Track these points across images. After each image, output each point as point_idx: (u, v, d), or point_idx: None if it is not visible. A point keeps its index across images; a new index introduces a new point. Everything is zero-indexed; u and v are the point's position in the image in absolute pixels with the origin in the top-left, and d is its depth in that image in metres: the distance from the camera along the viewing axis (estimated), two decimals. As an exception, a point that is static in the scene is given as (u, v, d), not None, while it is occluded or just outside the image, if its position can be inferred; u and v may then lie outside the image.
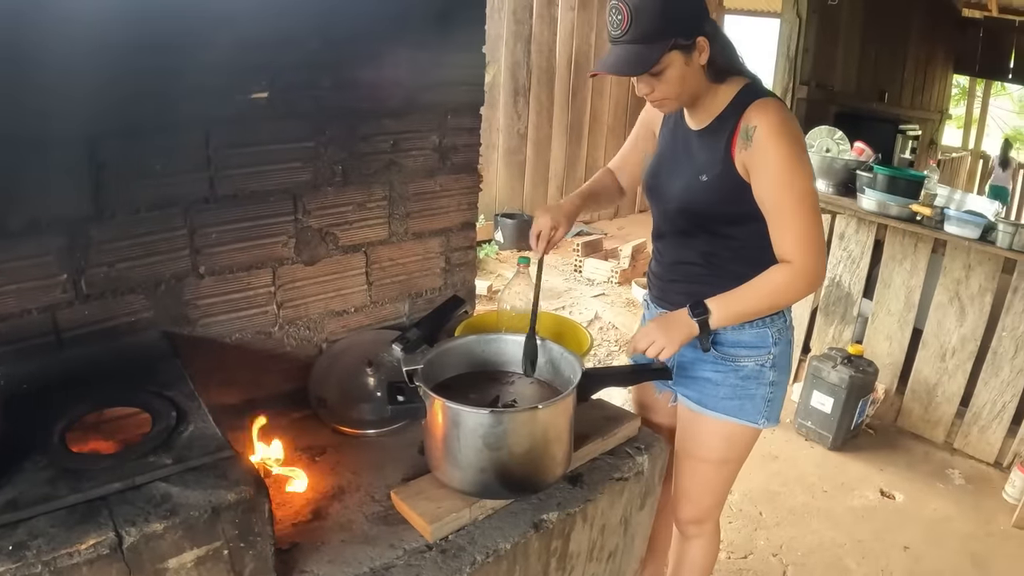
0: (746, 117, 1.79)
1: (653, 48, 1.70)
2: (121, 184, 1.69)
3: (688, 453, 2.16)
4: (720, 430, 2.07)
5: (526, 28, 7.47)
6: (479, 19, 2.26)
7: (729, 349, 2.00)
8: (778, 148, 1.75)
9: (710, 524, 2.29)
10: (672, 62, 1.73)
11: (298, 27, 1.87)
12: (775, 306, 1.90)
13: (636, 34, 1.68)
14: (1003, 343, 3.94)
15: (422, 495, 1.65)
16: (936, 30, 8.48)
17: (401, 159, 2.17)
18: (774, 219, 1.81)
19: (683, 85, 1.78)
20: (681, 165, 1.94)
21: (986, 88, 12.77)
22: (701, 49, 1.76)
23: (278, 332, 2.08)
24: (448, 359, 1.85)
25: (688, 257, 2.00)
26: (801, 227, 1.79)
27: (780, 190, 1.77)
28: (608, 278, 6.57)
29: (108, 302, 1.75)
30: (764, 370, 2.01)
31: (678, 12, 1.70)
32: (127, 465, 1.35)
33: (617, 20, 1.70)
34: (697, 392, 2.06)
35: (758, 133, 1.75)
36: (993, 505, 3.73)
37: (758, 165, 1.77)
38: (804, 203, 1.79)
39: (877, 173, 4.28)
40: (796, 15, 4.76)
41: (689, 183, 1.90)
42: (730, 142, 1.82)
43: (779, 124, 1.76)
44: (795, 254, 1.80)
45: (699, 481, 2.19)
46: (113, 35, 1.56)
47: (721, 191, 1.85)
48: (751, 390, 2.02)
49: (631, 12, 1.67)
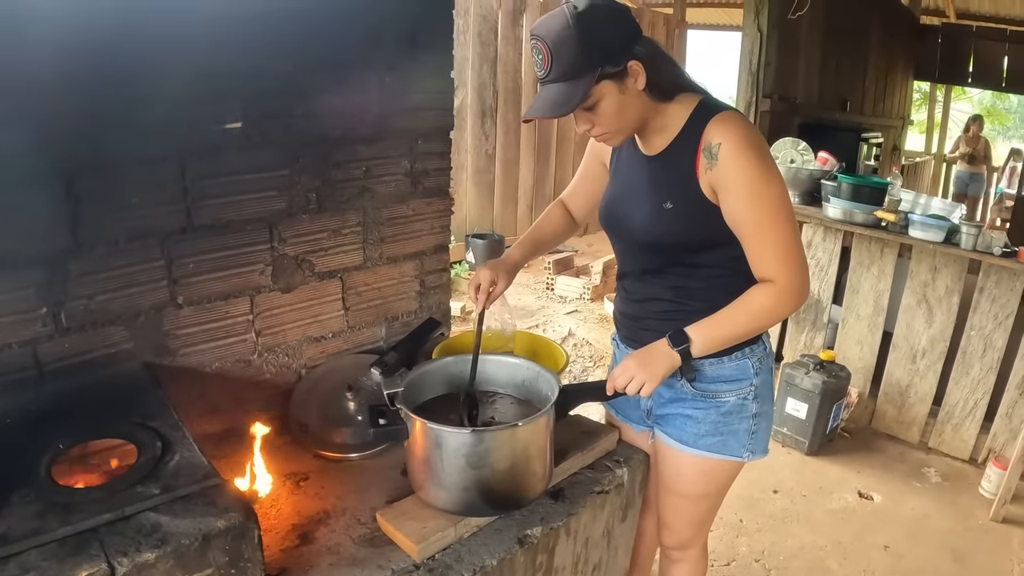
0: (707, 134, 1.66)
1: (578, 84, 1.58)
2: (98, 217, 1.71)
3: (668, 488, 2.05)
4: (701, 466, 1.95)
5: (491, 50, 7.53)
6: (446, 45, 2.30)
7: (709, 385, 1.87)
8: (747, 162, 1.63)
9: (694, 549, 2.18)
10: (604, 93, 1.61)
11: (269, 57, 1.89)
12: (760, 328, 1.80)
13: (559, 72, 1.57)
14: (972, 342, 4.01)
15: (407, 516, 1.67)
16: (895, 38, 8.64)
17: (374, 185, 2.20)
18: (750, 237, 1.70)
19: (622, 115, 1.66)
20: (640, 195, 1.81)
21: (947, 93, 13.00)
22: (635, 74, 1.63)
23: (257, 360, 2.10)
24: (427, 381, 1.87)
25: (657, 293, 1.88)
26: (780, 242, 1.68)
27: (753, 206, 1.65)
28: (580, 295, 6.60)
29: (88, 334, 1.76)
30: (747, 403, 1.89)
31: (599, 41, 1.57)
32: (115, 496, 1.36)
33: (539, 60, 1.59)
34: (677, 430, 1.93)
35: (723, 150, 1.63)
36: (970, 501, 3.78)
37: (727, 183, 1.65)
38: (780, 216, 1.67)
39: (841, 182, 4.36)
40: (757, 29, 4.83)
41: (653, 213, 1.76)
42: (693, 163, 1.69)
43: (744, 137, 1.64)
44: (778, 271, 1.69)
45: (680, 514, 2.08)
46: (86, 69, 1.59)
47: (689, 218, 1.72)
48: (733, 425, 1.89)
49: (550, 50, 1.55)
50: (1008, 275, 3.83)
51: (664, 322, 1.83)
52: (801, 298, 1.73)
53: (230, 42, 1.81)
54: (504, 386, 1.93)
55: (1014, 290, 3.82)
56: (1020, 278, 3.80)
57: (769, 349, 1.96)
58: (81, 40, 1.57)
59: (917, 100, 13.66)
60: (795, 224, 1.72)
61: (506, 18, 7.61)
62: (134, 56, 1.66)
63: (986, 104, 20.57)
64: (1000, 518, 3.61)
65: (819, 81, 6.07)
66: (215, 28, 1.78)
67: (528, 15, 7.86)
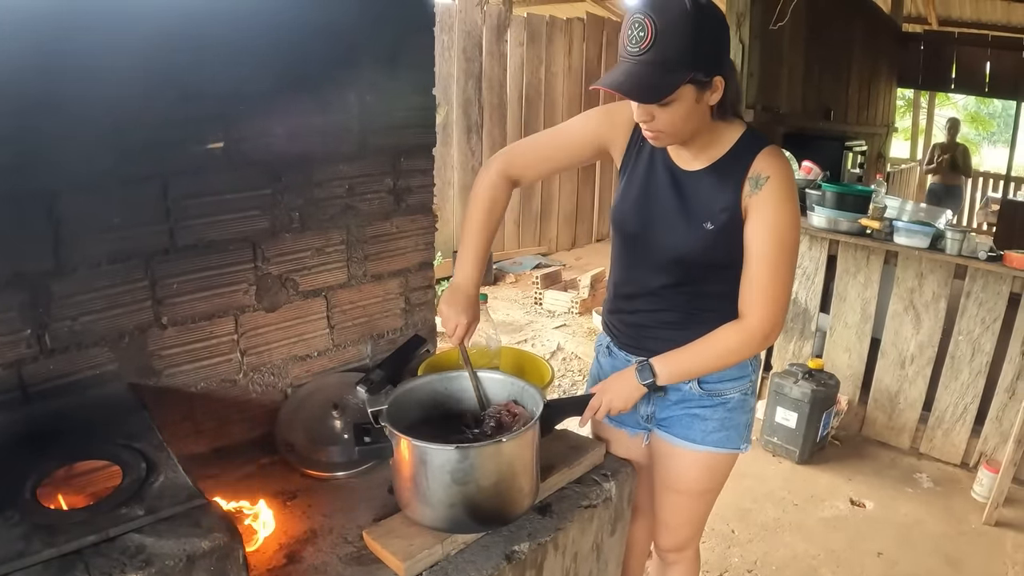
0: (756, 165, 1.70)
1: (672, 76, 1.55)
2: (81, 238, 1.70)
3: (669, 487, 2.11)
4: (705, 462, 2.02)
5: (476, 66, 7.56)
6: (428, 63, 2.30)
7: (716, 385, 1.95)
8: (785, 204, 1.70)
9: (690, 551, 2.26)
10: (684, 96, 1.59)
11: (250, 78, 1.90)
12: (724, 365, 1.87)
13: (657, 56, 1.53)
14: (960, 347, 4.04)
15: (394, 534, 1.67)
16: (878, 47, 8.71)
17: (357, 203, 2.20)
18: (751, 267, 1.75)
19: (687, 123, 1.66)
20: (676, 211, 1.82)
21: (931, 99, 13.10)
22: (716, 89, 1.63)
23: (243, 379, 2.09)
24: (412, 398, 1.86)
25: (671, 304, 1.92)
26: (770, 281, 1.75)
27: (767, 241, 1.72)
28: (568, 309, 6.61)
29: (73, 356, 1.75)
30: (747, 398, 2.01)
31: (705, 44, 1.57)
32: (100, 518, 1.36)
33: (639, 36, 1.53)
34: (685, 429, 2.00)
35: (770, 184, 1.68)
36: (963, 505, 3.81)
37: (761, 213, 1.70)
38: (782, 260, 1.74)
39: (825, 191, 4.39)
40: (739, 41, 4.86)
41: (692, 232, 1.79)
42: (739, 188, 1.72)
43: (789, 179, 1.71)
44: (753, 308, 1.76)
45: (681, 512, 2.15)
46: (67, 90, 1.59)
47: (728, 240, 1.77)
48: (737, 419, 2.00)
49: (656, 30, 1.51)
50: (994, 279, 3.87)
51: (675, 331, 1.91)
52: (767, 341, 1.81)
53: (211, 64, 1.82)
54: (489, 402, 1.93)
55: (1000, 294, 3.86)
56: (1006, 282, 3.83)
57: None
58: (62, 61, 1.58)
59: (901, 107, 13.76)
60: (792, 272, 1.79)
61: (490, 34, 7.64)
62: (116, 77, 1.66)
63: (970, 109, 20.73)
64: (993, 521, 3.63)
65: (802, 91, 6.11)
66: (196, 50, 1.78)
67: (512, 31, 7.90)
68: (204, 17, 1.79)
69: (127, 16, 1.66)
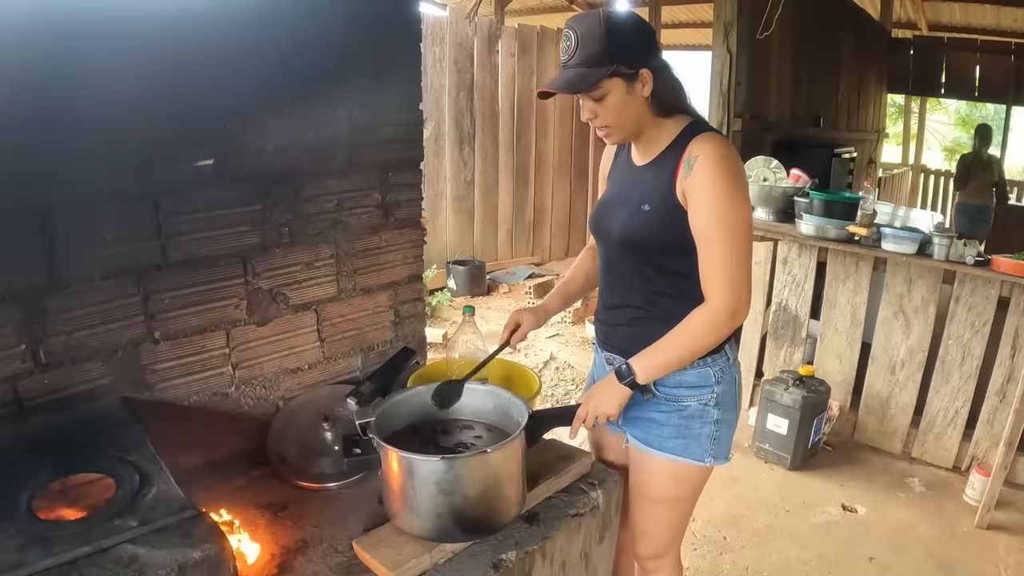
0: (689, 148, 1.84)
1: (594, 71, 1.77)
2: (74, 255, 1.73)
3: (639, 493, 2.17)
4: (667, 469, 2.06)
5: (468, 77, 7.60)
6: (415, 77, 2.34)
7: (672, 390, 2.01)
8: (715, 177, 1.79)
9: (669, 559, 2.27)
10: (613, 88, 1.80)
11: (239, 96, 1.93)
12: (701, 349, 1.90)
13: (581, 58, 1.77)
14: (950, 351, 4.07)
15: (383, 543, 1.69)
16: (868, 52, 8.74)
17: (346, 217, 2.23)
18: (703, 250, 1.84)
19: (623, 113, 1.84)
20: (625, 200, 1.99)
21: (922, 104, 13.11)
22: (644, 81, 1.82)
23: (234, 392, 2.11)
24: (400, 409, 1.89)
25: (627, 299, 2.03)
26: (725, 260, 1.81)
27: (711, 220, 1.80)
28: (562, 318, 6.58)
29: (67, 370, 1.78)
30: (708, 408, 2.01)
31: (621, 42, 1.78)
32: (94, 529, 1.38)
33: (566, 46, 1.80)
34: (644, 432, 2.07)
35: (699, 162, 1.80)
36: (955, 508, 3.82)
37: (695, 192, 1.81)
38: (732, 237, 1.81)
39: (813, 198, 4.42)
40: (727, 50, 4.88)
41: (632, 213, 1.94)
42: (674, 171, 1.86)
43: (720, 156, 1.81)
44: (714, 290, 1.83)
45: (652, 520, 2.19)
46: (60, 108, 1.62)
47: (664, 219, 1.88)
48: (696, 429, 2.02)
49: (578, 37, 1.77)
50: (983, 283, 3.89)
51: (632, 328, 2.03)
52: (736, 320, 1.87)
53: (202, 82, 1.85)
54: (476, 414, 1.96)
55: (989, 298, 3.88)
56: (995, 286, 3.86)
57: (733, 360, 2.09)
58: (55, 79, 1.61)
59: (892, 113, 13.81)
60: (748, 250, 1.85)
61: (482, 45, 7.68)
62: (108, 95, 1.69)
63: (962, 114, 20.77)
64: (985, 525, 3.64)
65: (791, 98, 6.13)
66: (187, 68, 1.82)
67: (504, 42, 7.94)
68: (195, 36, 1.82)
69: (119, 35, 1.69)
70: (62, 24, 1.61)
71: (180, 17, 1.79)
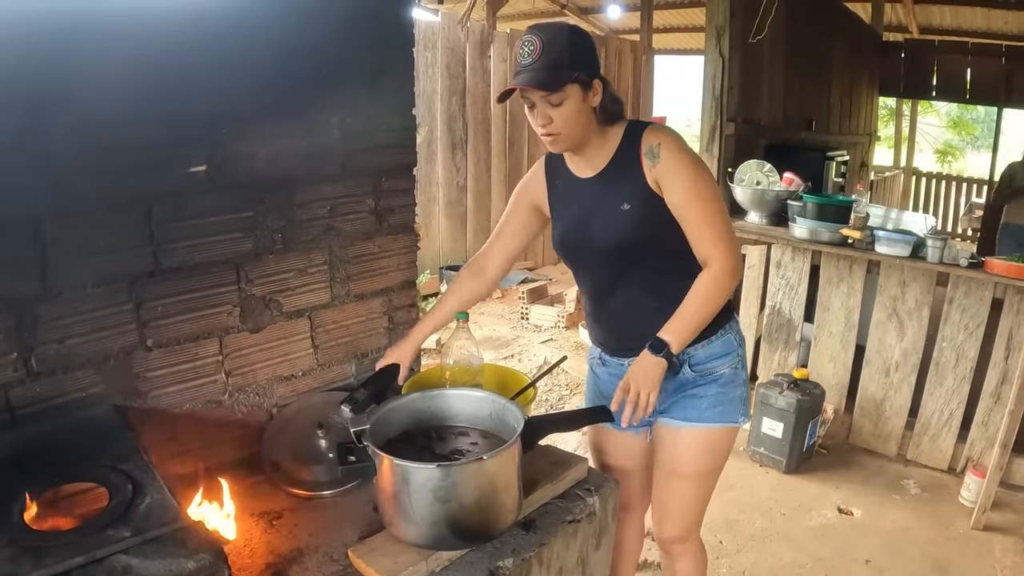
0: (646, 140, 1.97)
1: (561, 73, 1.85)
2: (66, 262, 1.72)
3: (671, 472, 2.23)
4: (705, 440, 2.16)
5: (460, 82, 7.60)
6: (407, 83, 2.33)
7: (706, 364, 2.12)
8: (684, 156, 1.95)
9: (693, 540, 2.34)
10: (572, 94, 1.88)
11: (231, 101, 1.92)
12: (715, 308, 2.00)
13: (546, 62, 1.84)
14: (944, 353, 4.07)
15: (378, 552, 1.68)
16: (859, 56, 8.75)
17: (339, 223, 2.22)
18: (691, 220, 1.96)
19: (576, 121, 1.92)
20: (594, 209, 2.05)
21: (913, 107, 13.15)
22: (596, 91, 1.93)
23: (228, 400, 2.10)
24: (395, 417, 1.88)
25: (640, 297, 2.09)
26: (715, 225, 1.95)
27: (693, 190, 1.94)
28: (555, 323, 6.61)
29: (59, 378, 1.77)
30: (738, 371, 2.17)
31: (583, 53, 1.90)
32: (87, 540, 1.37)
33: (529, 51, 1.86)
34: (683, 410, 2.15)
35: (663, 149, 1.94)
36: (951, 510, 3.82)
37: (670, 175, 1.94)
38: (714, 204, 1.96)
39: (807, 202, 4.42)
40: (719, 55, 4.88)
41: (611, 217, 2.01)
42: (638, 166, 1.97)
43: (677, 140, 1.98)
44: (712, 252, 1.95)
45: (683, 499, 2.26)
46: (51, 114, 1.62)
47: (647, 211, 1.98)
48: (730, 394, 2.15)
49: (543, 43, 1.84)
50: (976, 285, 3.90)
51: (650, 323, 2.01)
52: (736, 276, 1.99)
53: (194, 87, 1.84)
54: (471, 420, 1.95)
55: (983, 300, 3.88)
56: (988, 288, 3.86)
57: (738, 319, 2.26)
58: (46, 84, 1.60)
59: (884, 115, 13.85)
60: (722, 208, 2.00)
61: (474, 50, 7.68)
62: (99, 101, 1.68)
63: (953, 116, 20.86)
64: (981, 526, 3.64)
65: (783, 102, 6.14)
66: (179, 74, 1.81)
67: (496, 46, 7.94)
68: (186, 41, 1.81)
69: (110, 40, 1.68)
70: (54, 27, 1.61)
71: (172, 22, 1.78)
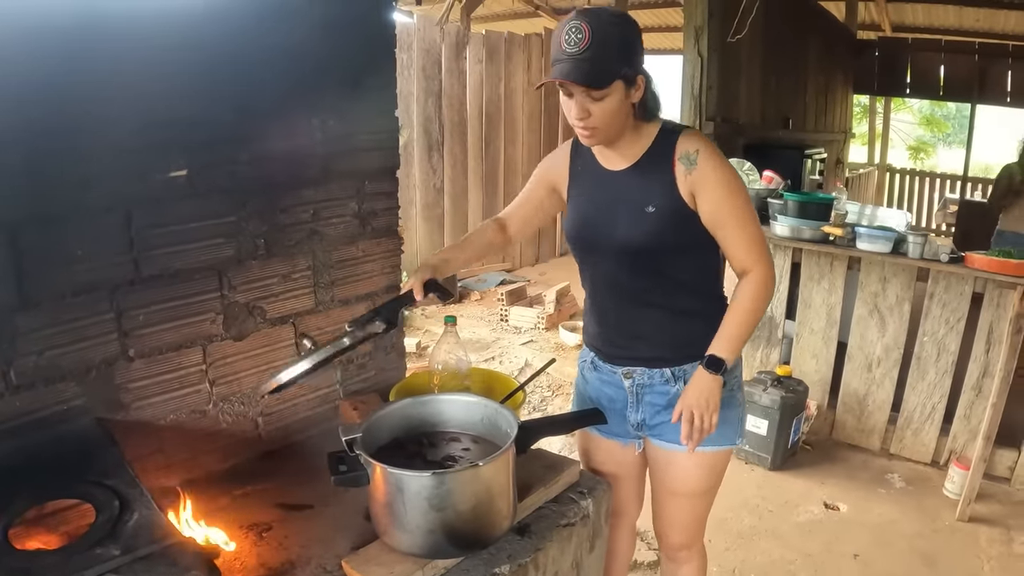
0: (681, 145, 1.89)
1: (610, 68, 1.76)
2: (44, 271, 1.68)
3: (673, 492, 2.20)
4: (706, 462, 2.12)
5: (436, 83, 7.56)
6: (390, 85, 2.31)
7: None
8: (723, 165, 1.89)
9: (697, 547, 2.34)
10: (615, 90, 1.79)
11: (212, 105, 1.89)
12: (759, 316, 1.99)
13: (594, 52, 1.74)
14: (925, 348, 4.10)
15: (373, 561, 1.65)
16: (834, 55, 8.83)
17: (322, 228, 2.20)
18: (731, 230, 1.92)
19: (616, 117, 1.84)
20: (618, 205, 1.98)
21: (886, 104, 13.29)
22: (639, 87, 1.85)
23: (213, 410, 2.07)
24: (385, 424, 1.85)
25: (641, 300, 2.04)
26: (751, 235, 1.93)
27: (732, 201, 1.89)
28: (535, 324, 6.58)
29: (39, 391, 1.73)
30: (735, 393, 2.11)
31: (631, 46, 1.81)
32: (74, 560, 1.34)
33: (577, 39, 1.74)
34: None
35: (701, 156, 1.87)
36: (935, 503, 3.85)
37: (708, 183, 1.87)
38: (750, 213, 1.93)
39: (787, 200, 4.43)
40: (697, 54, 4.90)
41: (634, 218, 1.94)
42: (671, 171, 1.90)
43: (714, 147, 1.91)
44: (751, 262, 1.93)
45: (685, 512, 2.24)
46: (24, 121, 1.58)
47: (672, 219, 1.92)
48: (727, 415, 2.06)
49: (592, 32, 1.73)
50: (956, 280, 3.93)
51: (659, 332, 2.05)
52: (773, 284, 1.99)
53: (173, 91, 1.81)
54: (462, 425, 1.92)
55: (963, 294, 3.91)
56: (968, 282, 3.89)
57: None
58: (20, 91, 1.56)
59: (857, 113, 13.97)
60: (756, 217, 1.97)
61: (449, 51, 7.65)
62: (75, 107, 1.65)
63: (925, 113, 21.09)
64: (966, 517, 3.68)
65: (761, 101, 6.17)
66: (158, 77, 1.78)
67: (471, 48, 7.92)
68: (165, 45, 1.77)
69: (87, 44, 1.65)
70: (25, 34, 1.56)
71: (151, 26, 1.75)
